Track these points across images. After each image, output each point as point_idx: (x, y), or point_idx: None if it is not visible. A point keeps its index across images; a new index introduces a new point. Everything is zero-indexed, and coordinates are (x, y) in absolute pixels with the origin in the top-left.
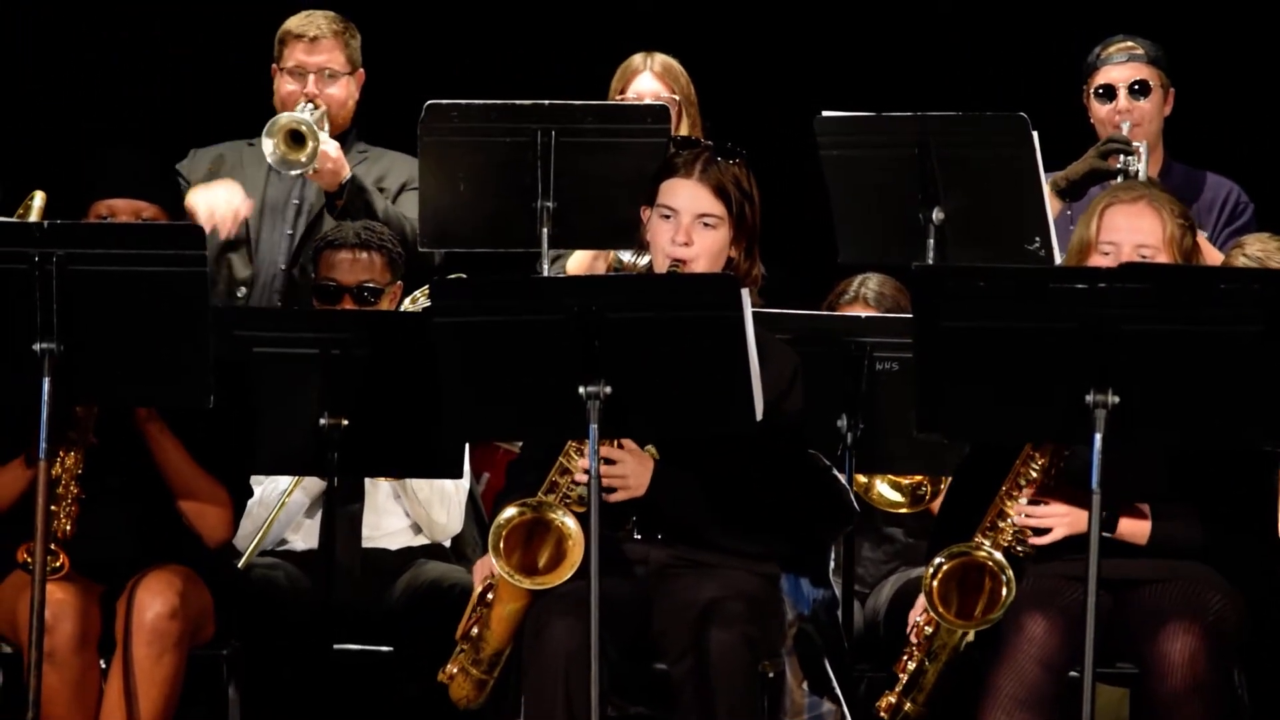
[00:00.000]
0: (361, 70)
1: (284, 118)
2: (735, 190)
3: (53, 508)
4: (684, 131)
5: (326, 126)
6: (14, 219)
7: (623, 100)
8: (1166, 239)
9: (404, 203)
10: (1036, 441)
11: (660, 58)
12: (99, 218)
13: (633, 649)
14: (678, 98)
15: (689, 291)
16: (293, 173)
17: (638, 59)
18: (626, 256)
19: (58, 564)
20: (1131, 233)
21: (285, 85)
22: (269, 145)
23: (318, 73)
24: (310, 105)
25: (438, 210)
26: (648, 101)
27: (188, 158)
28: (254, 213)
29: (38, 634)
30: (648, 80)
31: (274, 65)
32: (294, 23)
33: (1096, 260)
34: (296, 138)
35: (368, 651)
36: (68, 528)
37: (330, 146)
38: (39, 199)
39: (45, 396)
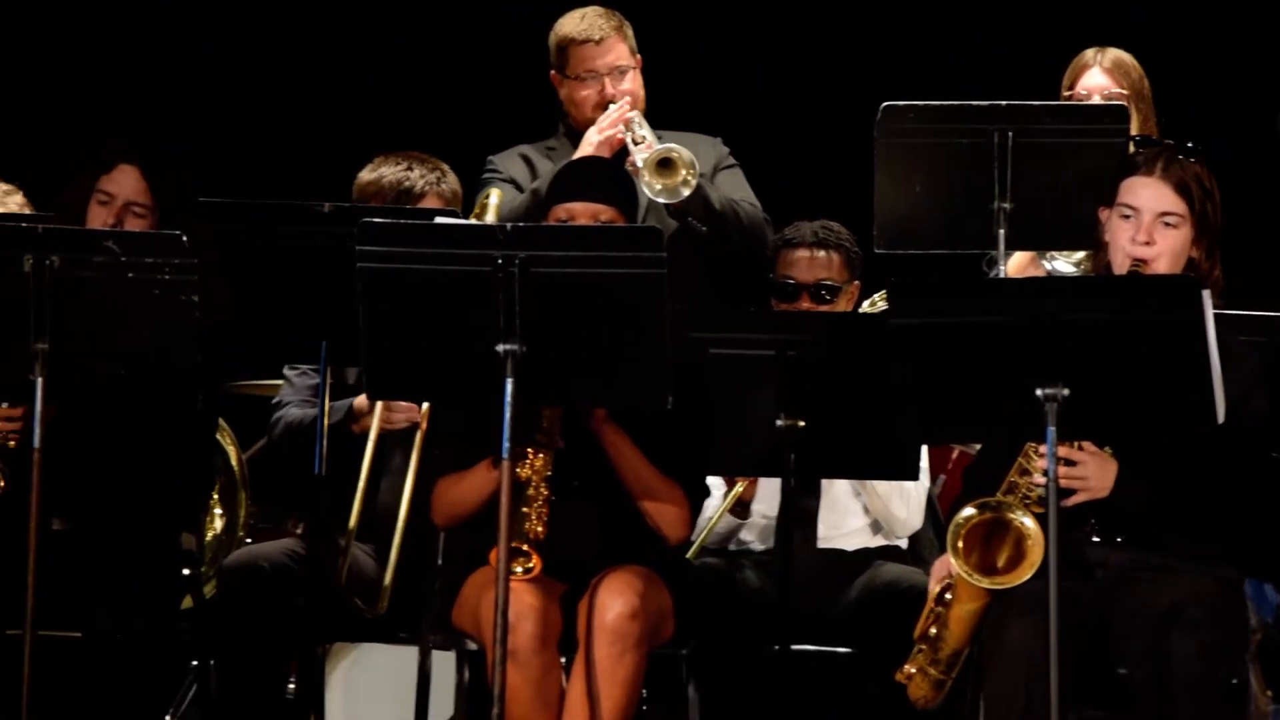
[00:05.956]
0: (639, 55)
1: (651, 154)
2: (1197, 189)
3: (524, 509)
4: (1134, 128)
5: (647, 125)
6: (471, 219)
7: (1071, 96)
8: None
9: (721, 184)
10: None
11: (1111, 53)
12: (558, 221)
13: (1091, 653)
14: (1126, 93)
15: (1148, 293)
16: (677, 200)
17: (1089, 54)
18: (1060, 264)
19: (530, 564)
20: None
21: (580, 91)
22: (651, 188)
23: (610, 73)
24: (616, 106)
25: (895, 212)
26: (1097, 100)
27: (491, 164)
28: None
29: (502, 633)
30: (1096, 76)
31: (554, 73)
32: (572, 28)
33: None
34: (665, 164)
35: (825, 652)
36: (539, 529)
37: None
38: (494, 197)
39: (508, 398)
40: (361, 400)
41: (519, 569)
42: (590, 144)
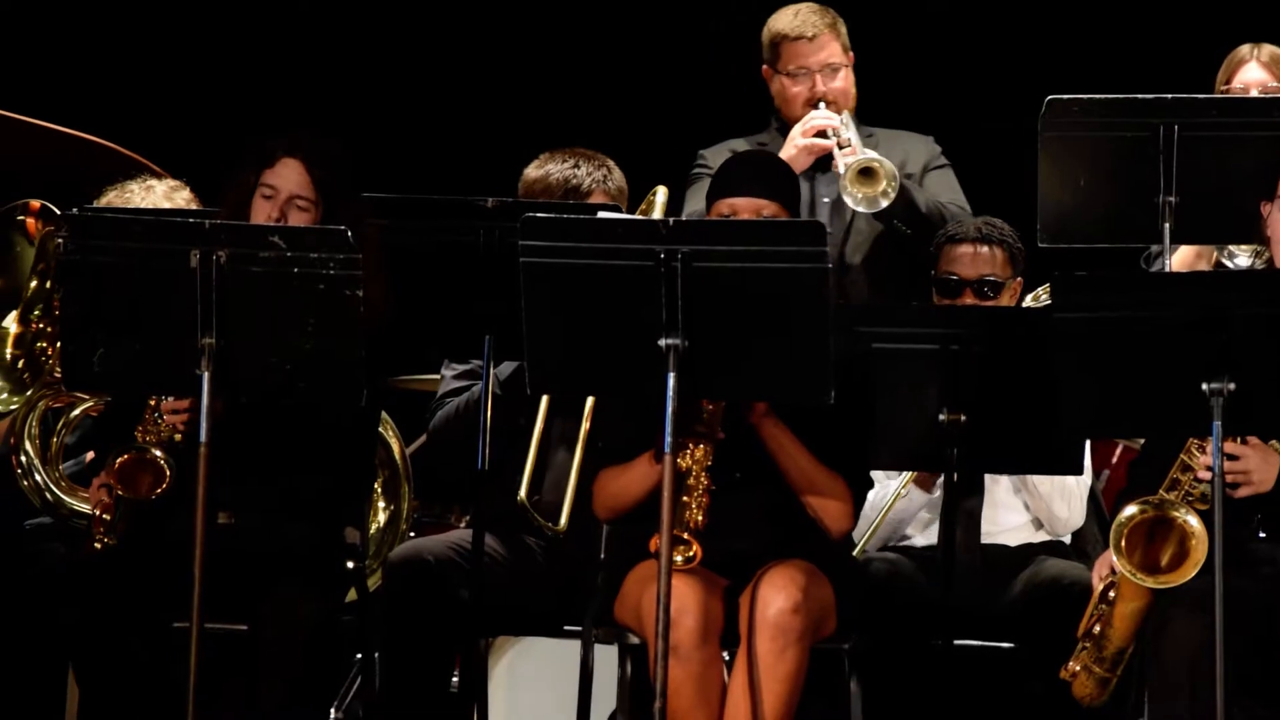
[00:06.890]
0: (852, 52)
1: (853, 162)
2: None
3: (685, 499)
4: None
5: (854, 127)
6: (637, 215)
7: (1227, 92)
8: None
9: (931, 184)
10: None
11: (1268, 48)
12: (721, 216)
13: (1257, 649)
14: None
15: None
16: (875, 210)
17: (1244, 49)
18: (1241, 259)
19: (690, 553)
20: None
21: (791, 88)
22: (852, 196)
23: (821, 70)
24: (822, 111)
25: (1058, 206)
26: (1255, 95)
27: (702, 158)
28: None
29: (664, 628)
30: (1254, 70)
31: (765, 67)
32: (785, 24)
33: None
34: (867, 173)
35: (988, 648)
36: (699, 518)
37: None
38: (661, 195)
39: (670, 392)
40: None
41: (680, 558)
42: (794, 145)
